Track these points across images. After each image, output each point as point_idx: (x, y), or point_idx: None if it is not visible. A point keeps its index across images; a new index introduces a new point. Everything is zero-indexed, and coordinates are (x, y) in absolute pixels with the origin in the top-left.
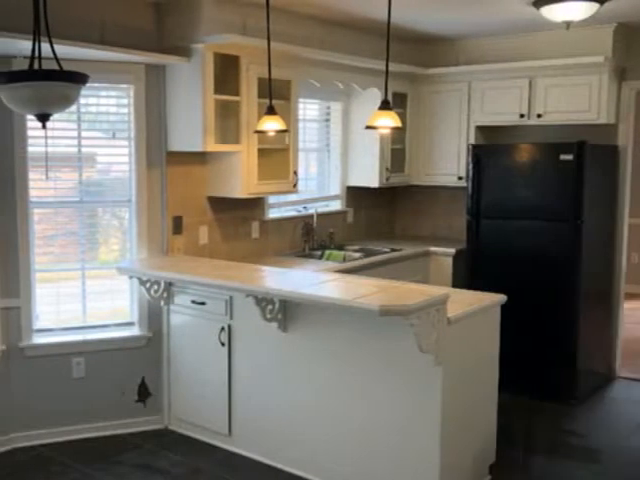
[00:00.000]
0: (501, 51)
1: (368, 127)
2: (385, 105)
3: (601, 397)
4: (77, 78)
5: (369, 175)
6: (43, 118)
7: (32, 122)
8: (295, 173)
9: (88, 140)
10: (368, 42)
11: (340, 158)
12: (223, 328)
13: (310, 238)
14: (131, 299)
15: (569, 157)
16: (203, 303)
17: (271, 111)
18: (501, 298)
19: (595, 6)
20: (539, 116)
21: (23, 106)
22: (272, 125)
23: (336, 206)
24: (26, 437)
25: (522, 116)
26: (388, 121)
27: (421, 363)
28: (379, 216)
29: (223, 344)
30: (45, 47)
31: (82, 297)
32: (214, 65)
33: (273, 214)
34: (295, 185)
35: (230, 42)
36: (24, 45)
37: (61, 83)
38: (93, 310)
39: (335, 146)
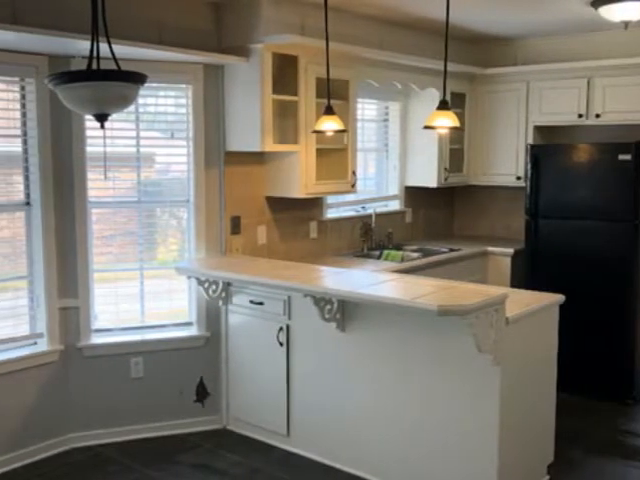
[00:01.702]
0: (559, 51)
1: (426, 127)
2: (443, 105)
3: None
4: (135, 78)
5: (427, 175)
6: (101, 118)
7: (91, 122)
8: (353, 173)
9: (146, 140)
10: (426, 42)
11: (398, 158)
12: (281, 328)
13: (368, 238)
14: (189, 299)
15: (627, 157)
16: (261, 303)
17: (329, 111)
18: (559, 298)
19: None
20: (597, 116)
21: (82, 106)
22: (330, 125)
23: (394, 206)
24: (84, 437)
25: (580, 116)
26: (446, 121)
27: (479, 363)
28: (437, 216)
29: (282, 344)
30: (103, 47)
31: (140, 297)
32: (272, 65)
33: (331, 214)
34: (353, 185)
35: (289, 42)
36: (83, 45)
37: (119, 83)
38: (151, 310)
39: (393, 146)
